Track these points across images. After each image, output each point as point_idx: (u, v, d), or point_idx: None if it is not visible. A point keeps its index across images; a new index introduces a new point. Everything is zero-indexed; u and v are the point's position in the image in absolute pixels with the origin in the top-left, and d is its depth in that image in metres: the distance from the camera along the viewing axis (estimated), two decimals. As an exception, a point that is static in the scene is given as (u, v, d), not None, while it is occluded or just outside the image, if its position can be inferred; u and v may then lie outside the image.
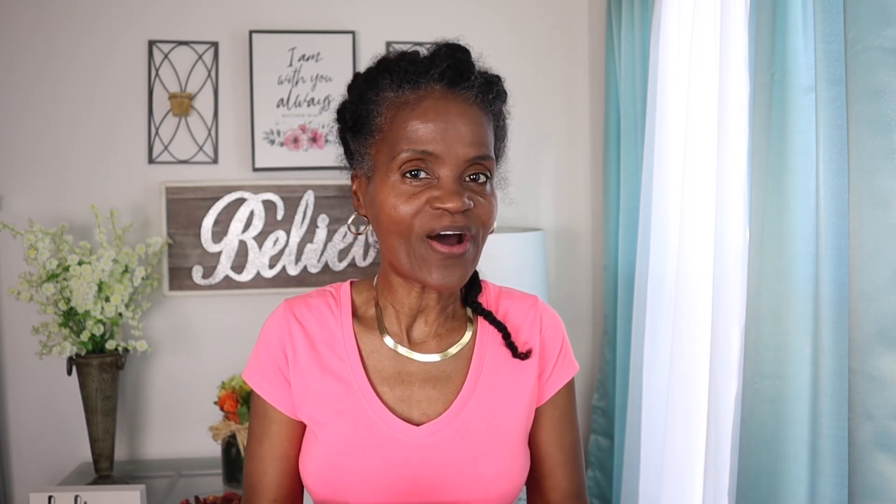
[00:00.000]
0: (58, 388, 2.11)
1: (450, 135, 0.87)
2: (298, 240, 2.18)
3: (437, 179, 0.87)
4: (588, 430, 2.31)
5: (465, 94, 0.90)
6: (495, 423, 0.96)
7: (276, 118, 2.17)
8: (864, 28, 0.95)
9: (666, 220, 1.72)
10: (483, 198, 0.89)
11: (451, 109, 0.88)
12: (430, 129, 0.86)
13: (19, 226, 2.00)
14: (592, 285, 2.36)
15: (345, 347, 0.96)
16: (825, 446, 1.09)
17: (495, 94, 0.94)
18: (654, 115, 1.74)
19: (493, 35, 2.26)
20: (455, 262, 0.88)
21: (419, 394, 0.95)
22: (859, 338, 0.97)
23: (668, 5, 1.70)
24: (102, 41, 2.14)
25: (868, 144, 0.96)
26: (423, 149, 0.86)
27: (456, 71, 0.90)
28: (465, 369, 0.98)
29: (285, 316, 0.99)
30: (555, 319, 1.07)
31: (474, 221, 0.88)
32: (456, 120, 0.87)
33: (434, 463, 0.92)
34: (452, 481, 0.92)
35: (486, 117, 0.92)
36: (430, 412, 0.95)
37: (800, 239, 1.17)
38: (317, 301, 1.00)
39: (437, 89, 0.89)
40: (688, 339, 1.59)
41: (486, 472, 0.93)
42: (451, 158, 0.86)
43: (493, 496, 0.93)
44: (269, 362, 0.98)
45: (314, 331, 0.98)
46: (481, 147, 0.88)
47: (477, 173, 0.89)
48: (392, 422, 0.93)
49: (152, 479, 1.99)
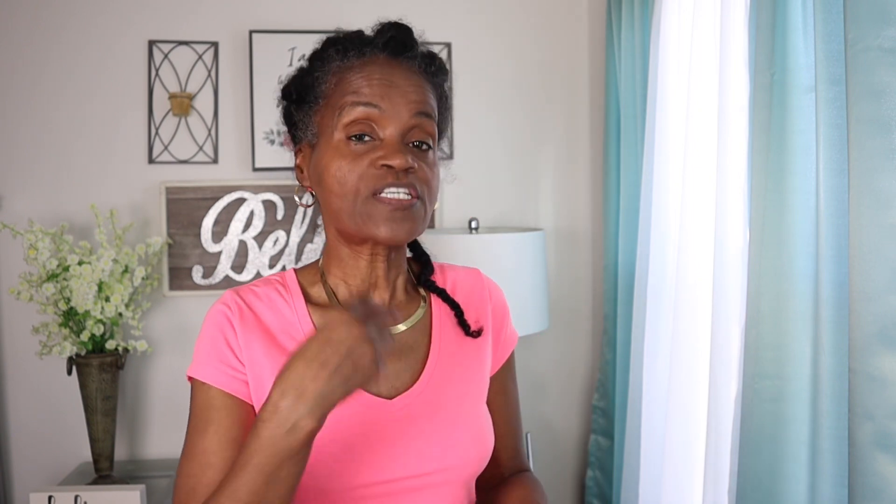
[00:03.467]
0: (58, 388, 2.11)
1: (394, 93, 0.90)
2: (298, 240, 2.18)
3: (382, 141, 0.89)
4: (588, 430, 2.31)
5: (409, 63, 0.93)
6: (463, 389, 0.97)
7: (276, 118, 2.14)
8: (864, 28, 0.95)
9: (666, 220, 1.72)
10: (426, 164, 0.91)
11: (395, 72, 0.91)
12: (375, 87, 0.90)
13: (19, 226, 1.99)
14: (592, 285, 2.36)
15: (302, 332, 0.94)
16: (825, 446, 1.09)
17: (437, 67, 0.96)
18: (654, 115, 1.74)
19: (493, 35, 2.26)
20: (403, 214, 0.88)
21: (385, 368, 0.95)
22: (859, 338, 0.97)
23: (668, 5, 1.70)
24: (102, 41, 2.13)
25: (868, 144, 0.96)
26: (366, 101, 0.89)
27: (399, 41, 0.93)
28: (426, 340, 0.99)
29: (233, 301, 0.94)
30: (498, 290, 1.10)
31: (419, 182, 0.90)
32: (400, 81, 0.91)
33: (411, 434, 0.92)
34: (431, 451, 0.92)
35: (429, 86, 0.94)
36: (398, 385, 0.94)
37: (800, 239, 1.17)
38: (264, 289, 0.97)
39: (381, 57, 0.93)
40: (688, 339, 1.59)
41: (463, 437, 0.94)
42: (394, 115, 0.89)
43: (472, 459, 0.95)
44: (215, 350, 0.91)
45: (267, 318, 0.94)
46: (424, 105, 0.91)
47: (420, 141, 0.92)
48: (362, 399, 0.91)
49: (152, 479, 1.99)
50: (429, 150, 0.93)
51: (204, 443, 0.88)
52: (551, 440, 2.34)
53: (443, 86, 0.98)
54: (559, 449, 2.35)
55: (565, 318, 2.34)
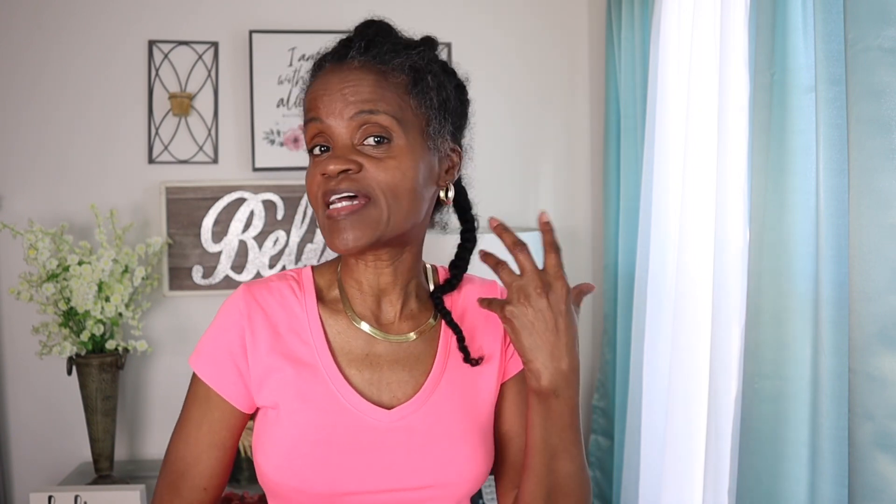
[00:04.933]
0: (58, 388, 2.11)
1: (330, 100, 0.89)
2: (298, 240, 2.18)
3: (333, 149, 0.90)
4: (588, 430, 2.31)
5: (350, 63, 0.91)
6: (465, 406, 0.95)
7: (276, 118, 2.17)
8: (864, 28, 0.95)
9: (666, 220, 1.72)
10: (380, 160, 0.87)
11: (332, 80, 0.90)
12: (317, 101, 0.90)
13: (19, 226, 1.99)
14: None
15: (310, 331, 0.94)
16: (825, 446, 1.09)
17: (389, 51, 0.90)
18: (654, 115, 1.74)
19: (493, 36, 2.26)
20: (346, 223, 0.87)
21: (389, 376, 0.94)
22: (859, 338, 0.97)
23: (668, 5, 1.70)
24: (102, 41, 2.13)
25: (868, 144, 0.96)
26: (311, 116, 0.90)
27: (345, 45, 0.92)
28: (432, 351, 0.97)
29: (246, 300, 0.94)
30: None
31: (364, 184, 0.87)
32: (334, 86, 0.89)
33: (406, 447, 0.91)
34: (426, 465, 0.91)
35: (377, 76, 0.89)
36: (399, 395, 0.93)
37: (800, 239, 1.17)
38: (278, 284, 0.96)
39: (327, 67, 0.92)
40: (688, 339, 1.59)
41: (460, 454, 0.92)
42: (334, 123, 0.88)
43: (465, 478, 0.93)
44: (222, 349, 0.93)
45: (277, 315, 0.94)
46: (361, 104, 0.87)
47: (373, 135, 0.88)
48: (362, 405, 0.91)
49: (152, 479, 1.97)
50: (387, 142, 0.88)
51: (198, 435, 0.94)
52: (551, 440, 2.33)
53: (411, 66, 0.91)
54: (559, 449, 2.35)
55: (565, 318, 2.34)
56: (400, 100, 0.89)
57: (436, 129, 0.93)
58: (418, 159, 0.90)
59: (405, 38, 0.95)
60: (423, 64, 0.93)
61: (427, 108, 0.92)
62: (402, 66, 0.90)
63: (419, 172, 0.90)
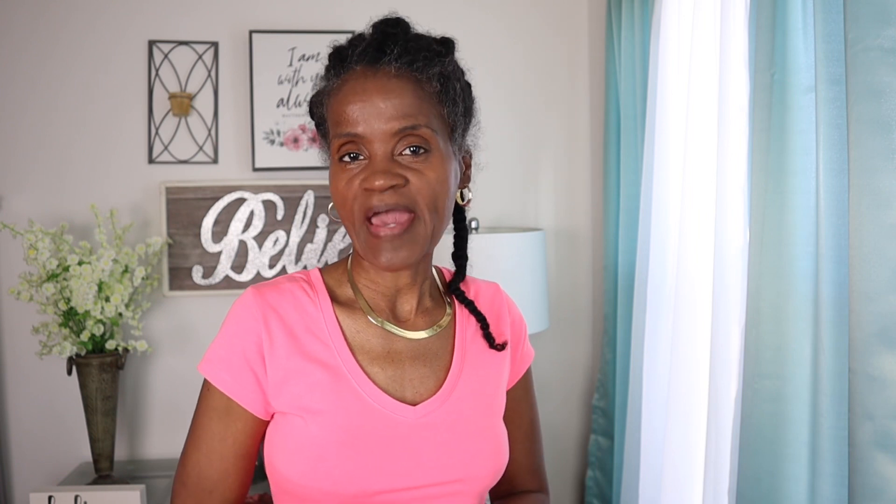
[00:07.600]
0: (58, 388, 2.11)
1: (369, 113, 0.86)
2: (298, 240, 2.18)
3: (370, 160, 0.87)
4: (588, 430, 2.31)
5: (386, 69, 0.88)
6: (484, 400, 0.97)
7: (276, 118, 2.17)
8: (864, 28, 0.95)
9: (666, 220, 1.72)
10: (422, 171, 0.87)
11: (368, 87, 0.87)
12: (352, 111, 0.86)
13: (19, 226, 1.99)
14: (592, 285, 2.36)
15: (327, 331, 0.92)
16: (825, 446, 1.09)
17: (425, 58, 0.89)
18: (654, 115, 1.74)
19: (492, 36, 2.26)
20: (397, 243, 0.87)
21: (410, 372, 0.94)
22: (859, 338, 0.97)
23: (668, 5, 1.70)
24: (102, 41, 2.14)
25: (868, 144, 0.96)
26: (346, 131, 0.87)
27: (376, 47, 0.88)
28: (449, 347, 0.98)
29: (258, 303, 0.91)
30: (516, 306, 1.11)
31: (410, 197, 0.87)
32: (374, 97, 0.86)
33: (433, 442, 0.91)
34: (453, 460, 0.91)
35: (415, 85, 0.88)
36: (422, 391, 0.94)
37: (800, 239, 1.17)
38: (289, 286, 0.95)
39: (357, 70, 0.89)
40: (688, 338, 1.59)
41: (483, 448, 0.93)
42: (374, 136, 0.86)
43: (489, 471, 0.94)
44: (237, 356, 0.90)
45: (291, 317, 0.92)
46: (404, 119, 0.86)
47: (412, 146, 0.87)
48: (388, 403, 0.91)
49: (152, 479, 1.99)
50: (426, 152, 0.88)
51: (223, 449, 0.92)
52: (551, 440, 2.33)
53: (446, 75, 0.91)
54: (559, 449, 2.35)
55: (565, 318, 2.34)
56: (434, 110, 0.89)
57: (460, 134, 0.94)
58: (449, 166, 0.90)
59: (428, 38, 0.93)
60: (451, 70, 0.92)
61: (454, 114, 0.92)
62: (436, 75, 0.90)
63: (451, 179, 0.91)
